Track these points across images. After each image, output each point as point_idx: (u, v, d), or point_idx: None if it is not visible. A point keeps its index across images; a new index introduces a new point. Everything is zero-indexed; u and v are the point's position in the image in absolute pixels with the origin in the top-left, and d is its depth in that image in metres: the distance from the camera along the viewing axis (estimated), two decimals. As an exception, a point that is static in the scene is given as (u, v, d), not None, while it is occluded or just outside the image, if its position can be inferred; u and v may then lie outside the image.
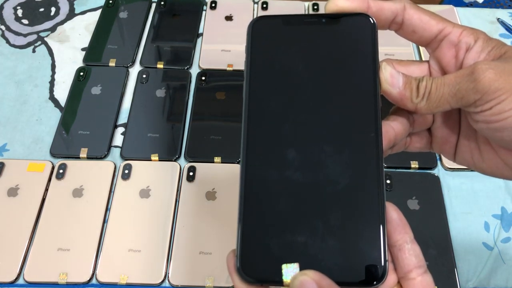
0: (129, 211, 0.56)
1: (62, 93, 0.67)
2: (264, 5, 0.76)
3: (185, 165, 0.60)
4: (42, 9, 0.77)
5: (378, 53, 0.27)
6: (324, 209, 0.25)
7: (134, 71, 0.69)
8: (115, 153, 0.61)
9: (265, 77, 0.27)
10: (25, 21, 0.76)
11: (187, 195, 0.57)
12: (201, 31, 0.74)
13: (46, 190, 0.57)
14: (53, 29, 0.75)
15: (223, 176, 0.58)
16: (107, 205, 0.57)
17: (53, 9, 0.77)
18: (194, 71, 0.69)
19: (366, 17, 0.27)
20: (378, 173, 0.25)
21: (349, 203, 0.25)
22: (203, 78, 0.68)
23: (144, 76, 0.68)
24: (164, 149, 0.61)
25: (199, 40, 0.73)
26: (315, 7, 0.76)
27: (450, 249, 0.53)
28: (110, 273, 0.52)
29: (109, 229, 0.55)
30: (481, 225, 0.56)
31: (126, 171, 0.59)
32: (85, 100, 0.66)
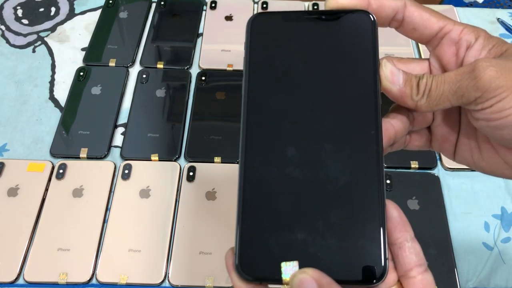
0: (129, 211, 0.56)
1: (62, 93, 0.67)
2: (264, 5, 0.76)
3: (185, 165, 0.60)
4: (42, 9, 0.77)
5: (378, 50, 0.27)
6: (323, 207, 0.25)
7: (134, 71, 0.69)
8: (115, 153, 0.61)
9: (264, 74, 0.27)
10: (25, 21, 0.76)
11: (187, 195, 0.57)
12: (201, 31, 0.74)
13: (46, 190, 0.57)
14: (53, 29, 0.75)
15: (223, 176, 0.58)
16: (107, 205, 0.57)
17: (53, 9, 0.77)
18: (194, 71, 0.69)
19: (366, 14, 0.27)
20: (378, 171, 0.25)
21: (349, 201, 0.25)
22: (203, 78, 0.68)
23: (144, 76, 0.68)
24: (164, 149, 0.61)
25: (199, 40, 0.73)
26: (315, 7, 0.76)
27: (450, 249, 0.53)
28: (110, 273, 0.52)
29: (109, 229, 0.55)
30: (481, 225, 0.56)
31: (126, 171, 0.59)
32: (85, 100, 0.66)
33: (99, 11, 0.76)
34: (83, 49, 0.72)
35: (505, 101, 0.24)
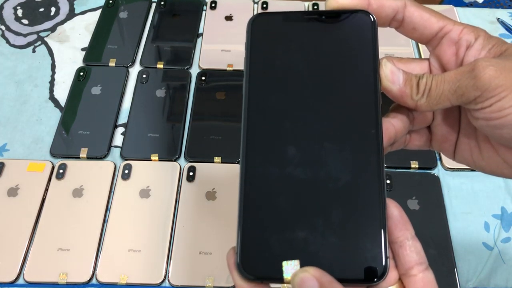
0: (129, 211, 0.56)
1: (62, 93, 0.67)
2: (264, 5, 0.76)
3: (185, 165, 0.60)
4: (42, 9, 0.77)
5: (378, 50, 0.27)
6: (324, 206, 0.25)
7: (134, 71, 0.69)
8: (115, 153, 0.61)
9: (265, 74, 0.27)
10: (25, 21, 0.76)
11: (187, 195, 0.57)
12: (201, 31, 0.74)
13: (46, 190, 0.57)
14: (53, 29, 0.75)
15: (223, 176, 0.58)
16: (107, 205, 0.57)
17: (53, 9, 0.77)
18: (194, 71, 0.69)
19: (366, 14, 0.27)
20: (378, 170, 0.25)
21: (350, 199, 0.25)
22: (203, 78, 0.68)
23: (144, 76, 0.68)
24: (164, 149, 0.61)
25: (199, 40, 0.73)
26: (315, 7, 0.76)
27: (450, 249, 0.53)
28: (110, 273, 0.52)
29: (109, 229, 0.55)
30: (481, 225, 0.56)
31: (126, 171, 0.59)
32: (85, 100, 0.66)
33: (99, 11, 0.76)
34: (83, 49, 0.72)
35: (504, 100, 0.24)
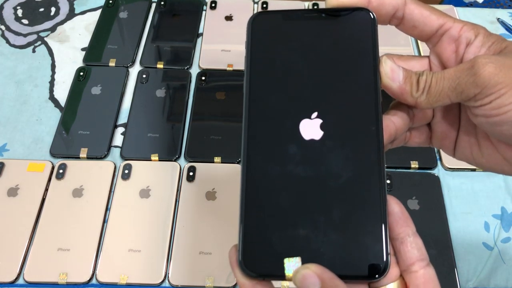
0: (129, 211, 0.56)
1: (62, 93, 0.67)
2: (264, 5, 0.76)
3: (185, 165, 0.60)
4: (42, 9, 0.77)
5: (378, 47, 0.27)
6: (325, 203, 0.25)
7: (134, 71, 0.69)
8: (115, 153, 0.61)
9: (265, 73, 0.27)
10: (25, 21, 0.76)
11: (187, 195, 0.57)
12: (201, 31, 0.74)
13: (46, 190, 0.57)
14: (53, 29, 0.75)
15: (223, 176, 0.58)
16: (107, 205, 0.57)
17: (53, 9, 0.77)
18: (194, 71, 0.69)
19: (366, 12, 0.27)
20: (379, 167, 0.25)
21: (351, 197, 0.25)
22: (203, 78, 0.68)
23: (144, 76, 0.68)
24: (164, 149, 0.61)
25: (199, 40, 0.73)
26: (315, 6, 0.76)
27: (450, 249, 0.53)
28: (110, 273, 0.52)
29: (109, 229, 0.55)
30: (481, 225, 0.56)
31: (126, 171, 0.59)
32: (85, 100, 0.66)
33: (99, 11, 0.76)
34: (83, 49, 0.72)
35: (504, 97, 0.24)
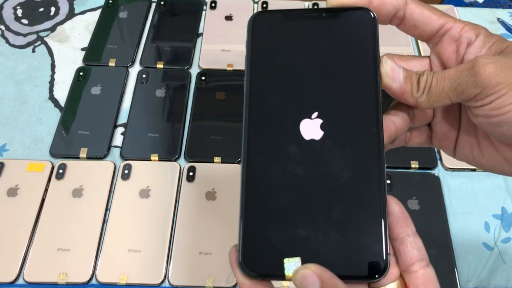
0: (129, 211, 0.56)
1: (62, 93, 0.67)
2: (264, 5, 0.76)
3: (185, 165, 0.60)
4: (41, 9, 0.77)
5: (378, 47, 0.27)
6: (325, 203, 0.25)
7: (134, 71, 0.69)
8: (115, 153, 0.61)
9: (265, 73, 0.27)
10: (25, 21, 0.76)
11: (187, 195, 0.57)
12: (201, 31, 0.74)
13: (46, 190, 0.57)
14: (53, 29, 0.75)
15: (223, 176, 0.58)
16: (107, 205, 0.57)
17: (52, 9, 0.77)
18: (194, 71, 0.69)
19: (367, 12, 0.27)
20: (379, 167, 0.25)
21: (351, 197, 0.25)
22: (203, 78, 0.68)
23: (144, 76, 0.68)
24: (164, 149, 0.61)
25: (199, 40, 0.73)
26: (315, 6, 0.76)
27: (450, 249, 0.53)
28: (110, 273, 0.52)
29: (109, 229, 0.55)
30: (481, 225, 0.56)
31: (126, 171, 0.59)
32: (85, 100, 0.65)
33: (99, 11, 0.76)
34: (83, 49, 0.72)
35: (504, 98, 0.24)
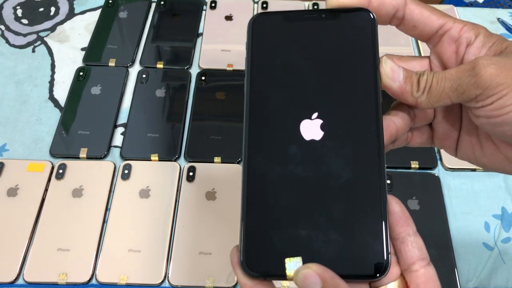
0: (129, 211, 0.56)
1: (61, 93, 0.67)
2: (264, 5, 0.76)
3: (185, 165, 0.60)
4: (41, 9, 0.77)
5: (378, 48, 0.27)
6: (326, 203, 0.25)
7: (134, 71, 0.69)
8: (115, 153, 0.61)
9: (266, 74, 0.28)
10: (25, 21, 0.76)
11: (187, 195, 0.57)
12: (201, 31, 0.74)
13: (46, 190, 0.57)
14: (52, 29, 0.75)
15: (223, 176, 0.58)
16: (106, 205, 0.56)
17: (52, 9, 0.77)
18: (194, 71, 0.69)
19: (366, 12, 0.27)
20: (379, 167, 0.25)
21: (351, 196, 0.25)
22: (203, 78, 0.68)
23: (144, 76, 0.68)
24: (164, 149, 0.61)
25: (199, 40, 0.73)
26: (315, 6, 0.76)
27: (450, 249, 0.53)
28: (110, 273, 0.52)
29: (109, 229, 0.55)
30: (481, 225, 0.56)
31: (126, 171, 0.59)
32: (84, 100, 0.65)
33: (99, 11, 0.76)
34: (83, 49, 0.72)
35: (505, 98, 0.24)
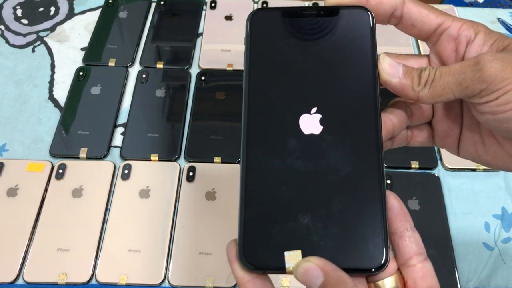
0: (128, 211, 0.56)
1: (61, 93, 0.67)
2: (264, 5, 0.76)
3: (185, 165, 0.60)
4: (41, 9, 0.77)
5: (376, 46, 0.27)
6: (325, 197, 0.25)
7: (134, 71, 0.69)
8: (115, 153, 0.61)
9: (264, 68, 0.28)
10: (25, 21, 0.76)
11: (187, 195, 0.57)
12: (201, 31, 0.74)
13: (46, 190, 0.57)
14: (52, 29, 0.75)
15: (223, 176, 0.58)
16: (106, 205, 0.56)
17: (52, 9, 0.77)
18: (194, 71, 0.69)
19: (364, 11, 0.28)
20: (378, 162, 0.25)
21: (350, 191, 0.25)
22: (203, 78, 0.68)
23: (144, 76, 0.68)
24: (164, 149, 0.61)
25: (199, 40, 0.73)
26: (315, 5, 0.76)
27: (450, 249, 0.53)
28: (109, 273, 0.52)
29: (109, 229, 0.55)
30: (482, 225, 0.56)
31: (126, 171, 0.59)
32: (84, 100, 0.65)
33: (98, 11, 0.76)
34: (82, 49, 0.72)
35: (510, 93, 0.24)
